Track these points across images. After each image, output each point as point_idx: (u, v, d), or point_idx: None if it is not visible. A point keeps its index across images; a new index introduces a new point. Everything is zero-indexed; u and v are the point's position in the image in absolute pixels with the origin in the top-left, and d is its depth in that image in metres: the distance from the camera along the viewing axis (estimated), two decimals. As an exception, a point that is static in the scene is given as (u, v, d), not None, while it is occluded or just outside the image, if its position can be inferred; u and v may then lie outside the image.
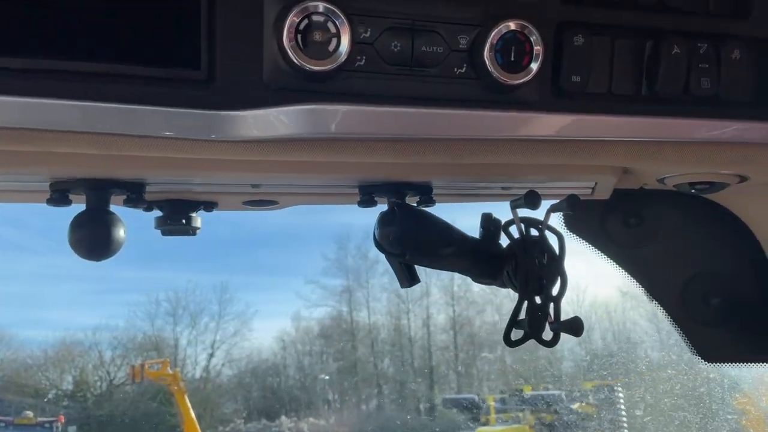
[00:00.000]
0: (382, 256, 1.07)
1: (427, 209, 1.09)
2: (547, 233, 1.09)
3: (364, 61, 0.77)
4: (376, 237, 1.07)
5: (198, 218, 1.08)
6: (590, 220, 1.20)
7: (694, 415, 10.07)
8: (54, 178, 0.90)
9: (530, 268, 1.05)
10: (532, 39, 0.79)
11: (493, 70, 0.79)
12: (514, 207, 1.09)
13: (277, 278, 31.94)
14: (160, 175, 0.91)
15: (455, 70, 0.80)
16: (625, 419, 13.90)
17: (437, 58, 0.79)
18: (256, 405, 24.77)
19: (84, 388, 21.38)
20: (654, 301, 1.33)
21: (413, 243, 1.04)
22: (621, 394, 14.10)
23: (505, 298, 25.29)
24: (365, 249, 25.63)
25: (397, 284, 1.06)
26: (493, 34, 0.78)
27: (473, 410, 16.76)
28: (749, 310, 1.35)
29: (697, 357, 1.34)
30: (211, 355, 25.90)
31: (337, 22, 0.73)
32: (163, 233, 1.09)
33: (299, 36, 0.72)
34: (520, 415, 15.72)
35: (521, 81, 0.80)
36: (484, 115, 0.83)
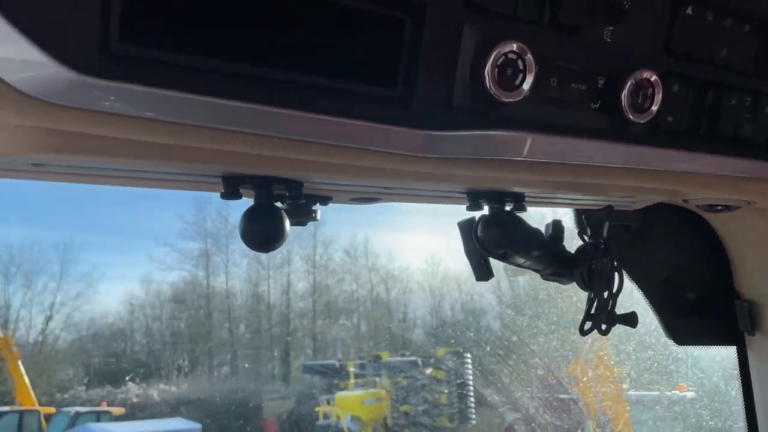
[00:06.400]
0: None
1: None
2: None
3: (528, 93, 0.88)
4: (480, 238, 1.18)
5: (319, 211, 1.12)
6: (598, 221, 1.39)
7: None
8: (225, 172, 0.94)
9: (604, 270, 1.25)
10: (655, 86, 0.97)
11: (626, 109, 0.95)
12: (586, 217, 1.28)
13: (128, 239, 30.00)
14: (318, 176, 0.96)
15: (591, 104, 0.96)
16: (471, 383, 15.24)
17: (578, 94, 0.94)
18: (98, 371, 23.28)
19: None
20: (639, 291, 1.61)
21: (514, 244, 1.19)
22: (469, 361, 15.42)
23: (363, 268, 26.05)
24: (226, 213, 24.95)
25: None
26: (630, 79, 0.95)
27: (334, 376, 17.22)
28: (713, 304, 1.68)
29: (670, 340, 1.66)
30: (49, 318, 23.87)
31: (526, 61, 0.86)
32: None
33: (496, 69, 0.84)
34: (377, 380, 16.47)
35: (644, 120, 0.97)
36: (607, 146, 0.99)
